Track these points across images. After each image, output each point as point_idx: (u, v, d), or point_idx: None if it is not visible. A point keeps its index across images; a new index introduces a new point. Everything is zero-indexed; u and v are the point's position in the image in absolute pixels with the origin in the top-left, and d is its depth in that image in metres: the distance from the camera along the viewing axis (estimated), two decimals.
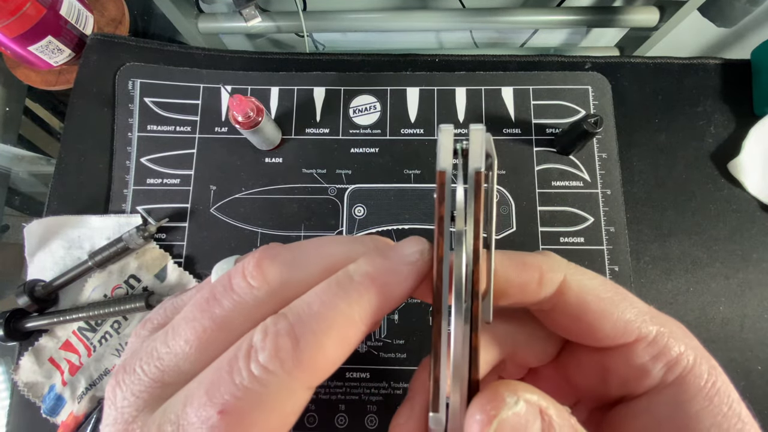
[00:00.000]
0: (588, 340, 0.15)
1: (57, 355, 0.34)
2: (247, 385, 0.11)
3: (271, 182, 0.37)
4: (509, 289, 0.14)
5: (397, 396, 0.33)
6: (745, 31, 0.52)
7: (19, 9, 0.36)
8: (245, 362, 0.11)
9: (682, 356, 0.14)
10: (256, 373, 0.11)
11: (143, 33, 0.47)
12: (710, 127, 0.38)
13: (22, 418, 0.33)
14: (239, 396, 0.11)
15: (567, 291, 0.15)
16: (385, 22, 0.51)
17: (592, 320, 0.14)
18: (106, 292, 0.35)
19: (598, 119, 0.33)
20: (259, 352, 0.11)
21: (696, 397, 0.13)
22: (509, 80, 0.39)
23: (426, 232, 0.36)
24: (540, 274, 0.14)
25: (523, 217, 0.36)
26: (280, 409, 0.11)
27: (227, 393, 0.11)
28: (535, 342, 0.17)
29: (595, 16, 0.50)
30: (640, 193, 0.37)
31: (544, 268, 0.15)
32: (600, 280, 0.15)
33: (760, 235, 0.36)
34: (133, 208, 0.37)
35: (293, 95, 0.39)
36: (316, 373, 0.12)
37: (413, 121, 0.38)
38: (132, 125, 0.38)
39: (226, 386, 0.11)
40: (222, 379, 0.11)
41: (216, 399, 0.11)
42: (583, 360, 0.16)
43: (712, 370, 0.14)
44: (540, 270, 0.15)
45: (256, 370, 0.11)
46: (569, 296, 0.14)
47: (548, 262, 0.15)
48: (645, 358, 0.14)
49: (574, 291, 0.14)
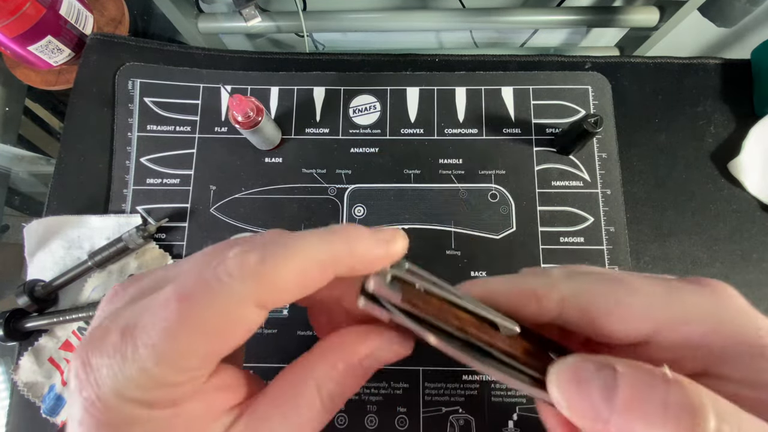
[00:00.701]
0: (607, 340, 0.15)
1: (57, 355, 0.34)
2: (208, 280, 0.13)
3: (271, 182, 0.37)
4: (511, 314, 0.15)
5: (397, 396, 0.33)
6: (745, 31, 0.52)
7: (18, 9, 0.36)
8: (215, 265, 0.13)
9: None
10: (219, 275, 0.13)
11: (143, 33, 0.47)
12: (710, 127, 0.38)
13: (22, 418, 0.33)
14: (199, 288, 0.13)
15: (568, 309, 0.14)
16: (385, 22, 0.51)
17: (600, 325, 0.14)
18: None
19: (598, 119, 0.33)
20: (229, 260, 0.13)
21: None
22: (509, 80, 0.39)
23: (426, 232, 0.36)
24: (536, 300, 0.14)
25: (523, 217, 0.36)
26: (230, 313, 0.13)
27: (191, 284, 0.13)
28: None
29: (595, 16, 0.50)
30: (640, 193, 0.37)
31: (539, 293, 0.15)
32: (595, 276, 0.15)
33: (760, 235, 0.36)
34: (133, 208, 0.37)
35: (293, 95, 0.39)
36: (270, 293, 0.13)
37: (413, 121, 0.38)
38: (132, 125, 0.38)
39: (193, 280, 0.13)
40: (192, 273, 0.13)
41: (179, 289, 0.13)
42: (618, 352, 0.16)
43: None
44: (535, 295, 0.15)
45: (221, 273, 0.13)
46: (572, 313, 0.14)
47: (541, 284, 0.15)
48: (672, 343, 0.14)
49: (575, 308, 0.14)
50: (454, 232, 0.36)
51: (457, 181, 0.37)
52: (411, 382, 0.33)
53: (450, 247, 0.36)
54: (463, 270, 0.35)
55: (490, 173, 0.37)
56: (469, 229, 0.36)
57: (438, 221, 0.36)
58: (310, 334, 0.34)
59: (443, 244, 0.36)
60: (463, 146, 0.38)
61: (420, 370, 0.34)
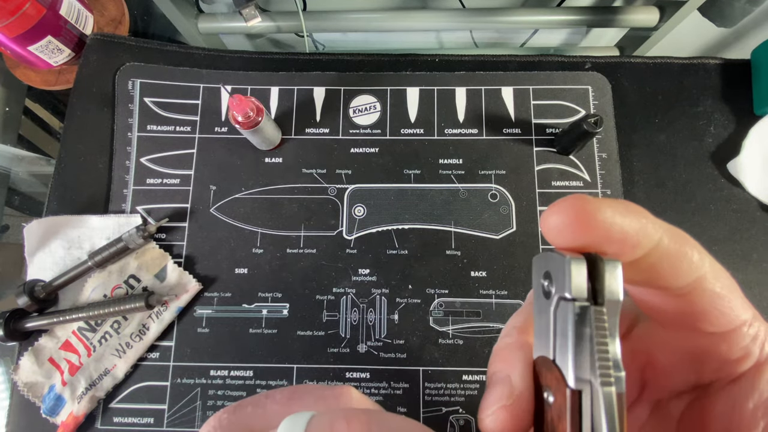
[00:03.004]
0: (698, 328, 0.13)
1: (57, 355, 0.34)
2: None
3: (271, 182, 0.37)
4: (654, 272, 0.12)
5: (397, 396, 0.33)
6: (745, 31, 0.52)
7: (18, 9, 0.36)
8: None
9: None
10: None
11: (143, 33, 0.47)
12: (710, 127, 0.38)
13: (22, 418, 0.33)
14: None
15: (703, 287, 0.13)
16: (385, 22, 0.51)
17: (718, 313, 0.13)
18: (105, 292, 0.35)
19: (598, 119, 0.33)
20: None
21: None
22: (509, 80, 0.39)
23: (426, 232, 0.36)
24: (695, 259, 0.12)
25: (523, 217, 0.36)
26: None
27: None
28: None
29: (595, 16, 0.50)
30: (640, 193, 0.37)
31: (645, 222, 0.12)
32: (709, 259, 0.13)
33: (760, 235, 0.36)
34: (133, 208, 0.37)
35: (293, 95, 0.39)
36: None
37: (413, 121, 0.38)
38: (132, 125, 0.38)
39: None
40: None
41: None
42: (669, 341, 0.15)
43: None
44: (695, 255, 0.12)
45: None
46: (704, 294, 0.13)
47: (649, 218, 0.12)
48: (747, 340, 0.13)
49: (710, 289, 0.13)
50: (454, 232, 0.36)
51: (457, 181, 0.37)
52: (411, 382, 0.33)
53: (450, 247, 0.36)
54: (463, 270, 0.35)
55: (490, 173, 0.37)
56: (469, 229, 0.36)
57: (438, 221, 0.36)
58: (311, 334, 0.35)
59: (443, 244, 0.36)
60: (463, 146, 0.38)
61: (420, 370, 0.34)
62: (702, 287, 0.13)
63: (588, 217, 0.11)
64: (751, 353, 0.14)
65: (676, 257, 0.12)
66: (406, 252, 0.36)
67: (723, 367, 0.14)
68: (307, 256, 0.36)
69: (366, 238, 0.36)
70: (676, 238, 0.12)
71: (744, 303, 0.14)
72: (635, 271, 0.13)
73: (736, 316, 0.13)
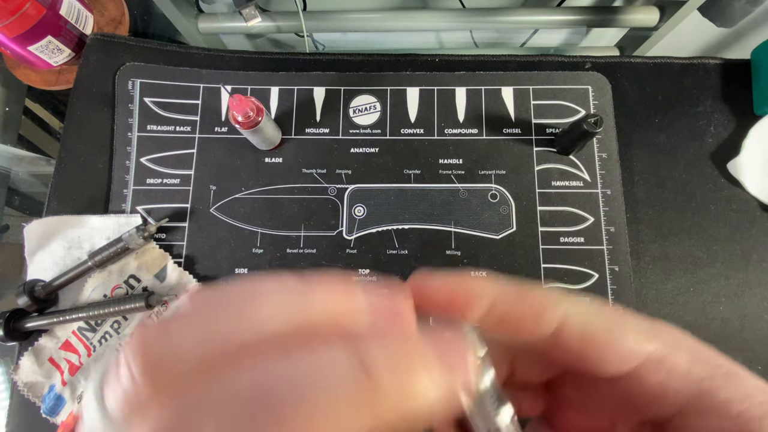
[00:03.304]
0: (594, 372, 0.14)
1: (57, 355, 0.34)
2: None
3: (271, 182, 0.37)
4: (505, 324, 0.14)
5: None
6: (745, 31, 0.52)
7: (19, 9, 0.36)
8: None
9: (686, 367, 0.13)
10: None
11: (143, 33, 0.47)
12: (710, 127, 0.38)
13: (22, 418, 0.33)
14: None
15: (567, 330, 0.14)
16: (385, 22, 0.51)
17: (595, 354, 0.14)
18: (105, 292, 0.35)
19: (598, 119, 0.33)
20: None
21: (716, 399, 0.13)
22: (509, 80, 0.39)
23: (426, 232, 0.36)
24: (539, 312, 0.14)
25: (523, 217, 0.36)
26: None
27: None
28: (531, 360, 0.16)
29: (595, 16, 0.50)
30: (640, 193, 0.37)
31: (545, 305, 0.14)
32: (596, 309, 0.14)
33: (760, 235, 0.36)
34: (133, 208, 0.37)
35: (293, 95, 0.39)
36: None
37: (413, 121, 0.38)
38: (132, 125, 0.38)
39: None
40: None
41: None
42: (597, 386, 0.15)
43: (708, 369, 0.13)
44: (540, 307, 0.14)
45: None
46: (570, 335, 0.14)
47: (549, 299, 0.14)
48: (658, 376, 0.13)
49: (575, 330, 0.14)
50: (454, 232, 0.36)
51: (457, 181, 0.37)
52: None
53: (450, 247, 0.36)
54: (463, 270, 0.35)
55: (490, 173, 0.37)
56: (469, 229, 0.36)
57: (438, 221, 0.36)
58: None
59: (443, 244, 0.36)
60: (463, 146, 0.38)
61: None
62: (566, 332, 0.13)
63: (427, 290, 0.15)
64: (671, 390, 0.13)
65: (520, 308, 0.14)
66: (406, 252, 0.36)
67: (651, 405, 0.14)
68: (307, 256, 0.36)
69: (366, 238, 0.36)
70: (509, 293, 0.14)
71: (642, 340, 0.13)
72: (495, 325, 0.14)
73: (633, 352, 0.13)
